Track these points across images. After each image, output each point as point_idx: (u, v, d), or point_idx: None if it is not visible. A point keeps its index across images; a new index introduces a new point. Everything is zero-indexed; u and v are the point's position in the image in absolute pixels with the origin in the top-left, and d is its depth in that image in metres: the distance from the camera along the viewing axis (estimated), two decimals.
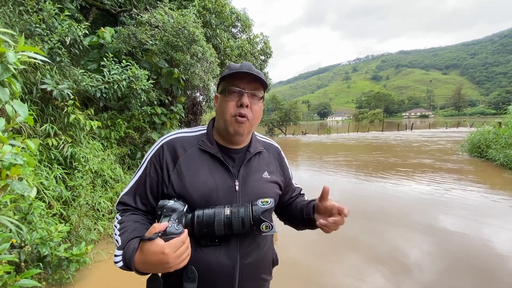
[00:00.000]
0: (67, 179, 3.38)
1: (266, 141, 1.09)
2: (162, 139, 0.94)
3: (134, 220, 0.86)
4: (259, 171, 0.97)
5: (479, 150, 9.45)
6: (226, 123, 0.88)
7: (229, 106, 0.86)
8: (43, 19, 3.55)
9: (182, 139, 0.93)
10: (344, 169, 8.75)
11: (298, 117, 29.66)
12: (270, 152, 1.06)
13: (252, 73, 0.85)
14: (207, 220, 0.79)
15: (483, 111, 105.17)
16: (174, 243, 0.70)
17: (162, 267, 0.70)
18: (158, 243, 0.68)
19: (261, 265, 0.92)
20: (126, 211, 0.90)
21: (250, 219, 0.79)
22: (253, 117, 0.89)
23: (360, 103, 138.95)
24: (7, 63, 0.92)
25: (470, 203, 5.00)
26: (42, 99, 3.49)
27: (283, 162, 1.10)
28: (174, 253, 0.69)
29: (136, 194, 0.90)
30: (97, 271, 2.90)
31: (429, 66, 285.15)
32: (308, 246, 3.55)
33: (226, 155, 0.93)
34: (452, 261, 3.09)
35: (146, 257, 0.69)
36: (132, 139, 5.06)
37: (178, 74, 5.48)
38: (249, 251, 0.89)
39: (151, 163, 0.90)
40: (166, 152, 0.90)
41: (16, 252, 2.19)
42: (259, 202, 0.82)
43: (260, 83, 0.89)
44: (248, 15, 9.57)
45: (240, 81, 0.86)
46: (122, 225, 0.84)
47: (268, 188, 0.96)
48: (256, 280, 0.92)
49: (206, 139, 0.93)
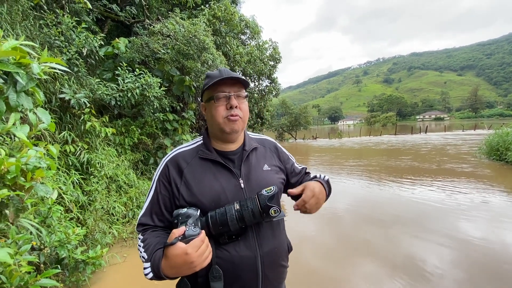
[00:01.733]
0: (83, 184, 3.51)
1: (260, 138, 1.16)
2: (165, 158, 1.01)
3: (155, 236, 0.92)
4: (259, 165, 1.03)
5: (498, 153, 9.09)
6: (220, 125, 0.94)
7: (220, 110, 0.93)
8: (61, 32, 3.74)
9: (183, 153, 1.00)
10: (358, 174, 8.61)
11: (308, 122, 29.42)
12: (266, 146, 1.13)
13: (233, 76, 0.93)
14: (220, 218, 0.84)
15: (501, 112, 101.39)
16: (195, 243, 0.76)
17: (188, 268, 0.76)
18: (180, 246, 0.75)
19: (279, 252, 0.98)
20: (146, 230, 0.95)
21: (258, 208, 0.84)
22: (244, 115, 0.97)
23: (372, 107, 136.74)
24: (32, 74, 0.99)
25: (490, 208, 4.80)
26: (60, 108, 3.66)
27: (281, 152, 1.16)
28: (196, 252, 0.75)
29: (152, 213, 0.96)
30: (112, 273, 2.97)
31: (443, 67, 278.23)
32: (322, 252, 3.51)
33: (225, 158, 1.00)
34: (473, 269, 2.95)
35: (172, 261, 0.76)
36: (145, 145, 5.19)
37: (189, 82, 5.60)
38: (266, 241, 0.94)
39: (159, 182, 0.97)
40: (171, 168, 0.97)
41: (36, 254, 2.28)
42: (263, 191, 0.87)
43: (242, 84, 0.97)
44: (257, 22, 9.71)
45: (224, 86, 0.93)
46: (145, 243, 0.89)
47: (270, 178, 1.02)
48: (277, 267, 0.97)
49: (204, 148, 1.00)
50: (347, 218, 4.71)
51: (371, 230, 4.10)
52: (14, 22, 3.24)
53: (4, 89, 0.97)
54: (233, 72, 0.96)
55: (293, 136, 29.48)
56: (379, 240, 3.75)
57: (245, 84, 0.98)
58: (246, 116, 0.99)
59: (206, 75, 1.01)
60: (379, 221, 4.46)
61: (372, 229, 4.14)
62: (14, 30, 3.18)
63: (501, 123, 13.67)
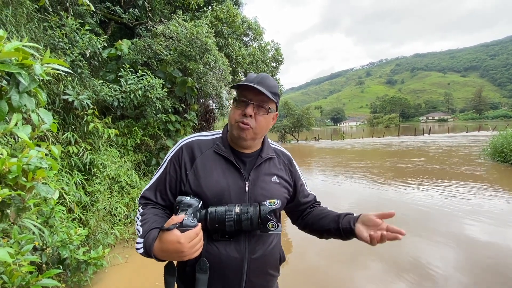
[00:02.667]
0: (86, 185, 3.52)
1: (278, 148, 1.14)
2: (182, 141, 1.02)
3: (154, 213, 0.94)
4: (269, 175, 1.02)
5: (503, 154, 9.01)
6: (231, 127, 0.96)
7: (235, 113, 0.94)
8: (65, 34, 3.77)
9: (200, 141, 1.01)
10: (361, 175, 8.57)
11: (310, 123, 29.38)
12: (281, 159, 1.11)
13: (256, 87, 0.88)
14: (219, 216, 0.85)
15: (506, 114, 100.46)
16: (189, 234, 0.78)
17: (178, 255, 0.78)
18: (175, 233, 0.77)
19: (267, 260, 0.97)
20: (147, 205, 0.98)
21: (258, 218, 0.84)
22: (257, 127, 0.93)
23: (375, 108, 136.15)
24: (34, 75, 1.00)
25: (496, 210, 4.75)
26: (64, 109, 3.68)
27: (294, 169, 1.13)
28: (189, 243, 0.77)
29: (156, 190, 0.99)
30: (113, 274, 2.98)
31: (446, 68, 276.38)
32: (326, 253, 3.50)
33: (239, 158, 1.00)
34: (479, 271, 2.93)
35: (164, 245, 0.78)
36: (147, 146, 5.21)
37: (191, 83, 5.62)
38: (257, 247, 0.94)
39: (171, 163, 0.98)
40: (185, 153, 0.98)
41: (38, 254, 2.29)
42: (266, 202, 0.88)
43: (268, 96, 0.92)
44: (259, 24, 9.72)
45: (249, 92, 0.92)
46: (143, 217, 0.92)
47: (276, 191, 1.01)
48: (263, 274, 0.97)
49: (220, 143, 1.00)
50: None
51: None
52: (18, 24, 3.28)
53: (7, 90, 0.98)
54: (268, 81, 0.94)
55: (295, 137, 29.44)
56: None
57: (273, 98, 0.94)
58: (259, 129, 0.95)
59: (247, 76, 1.00)
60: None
61: None
62: (19, 32, 3.22)
63: (506, 125, 13.52)
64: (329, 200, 5.73)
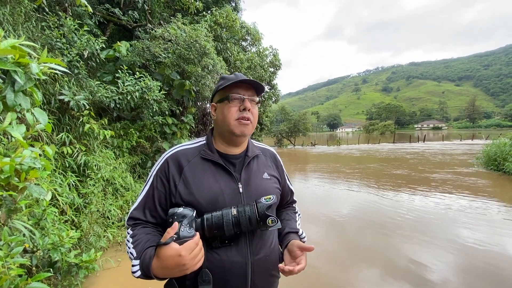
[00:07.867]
0: (79, 187, 3.47)
1: (262, 146, 1.17)
2: (166, 154, 0.99)
3: (145, 232, 0.90)
4: (259, 172, 1.04)
5: (496, 163, 9.12)
6: (230, 127, 0.94)
7: (232, 111, 0.94)
8: (63, 34, 3.75)
9: (185, 151, 0.99)
10: (358, 181, 8.60)
11: (307, 128, 29.49)
12: (267, 156, 1.14)
13: (250, 81, 0.95)
14: (216, 222, 0.83)
15: (499, 123, 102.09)
16: (189, 245, 0.75)
17: (179, 270, 0.75)
18: (174, 247, 0.73)
19: (270, 260, 0.97)
20: (137, 225, 0.93)
21: (256, 216, 0.83)
22: (254, 119, 0.99)
23: (371, 115, 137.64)
24: (30, 74, 0.99)
25: (490, 217, 4.80)
26: (59, 109, 3.64)
27: (279, 164, 1.17)
28: (190, 254, 0.74)
29: (145, 208, 0.94)
30: (105, 278, 2.92)
31: (441, 77, 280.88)
32: (325, 256, 3.51)
33: (227, 161, 0.99)
34: (476, 276, 2.97)
35: (164, 262, 0.74)
36: (143, 148, 5.17)
37: (189, 86, 5.62)
38: (258, 248, 0.93)
39: (157, 177, 0.95)
40: (171, 165, 0.95)
41: (28, 256, 2.24)
42: (262, 199, 0.87)
43: (255, 90, 0.99)
44: (257, 29, 9.81)
45: (239, 89, 0.95)
46: (134, 238, 0.87)
47: (269, 187, 1.03)
48: (267, 275, 0.96)
49: (206, 148, 0.99)
50: (350, 224, 4.72)
51: (373, 235, 4.11)
52: (16, 23, 3.25)
53: (2, 88, 0.97)
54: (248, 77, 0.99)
55: (292, 142, 29.50)
56: (381, 244, 3.78)
57: (260, 90, 1.01)
58: (255, 121, 1.00)
59: (221, 77, 1.01)
60: (381, 226, 4.49)
61: (373, 234, 4.15)
62: (16, 31, 3.19)
63: (499, 134, 13.75)
64: (326, 204, 5.74)
